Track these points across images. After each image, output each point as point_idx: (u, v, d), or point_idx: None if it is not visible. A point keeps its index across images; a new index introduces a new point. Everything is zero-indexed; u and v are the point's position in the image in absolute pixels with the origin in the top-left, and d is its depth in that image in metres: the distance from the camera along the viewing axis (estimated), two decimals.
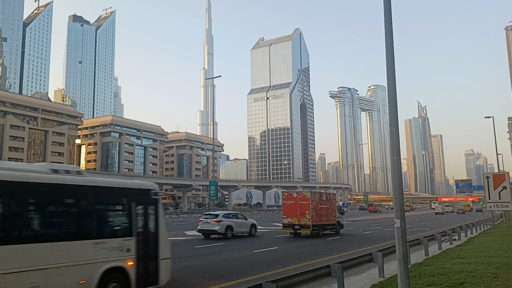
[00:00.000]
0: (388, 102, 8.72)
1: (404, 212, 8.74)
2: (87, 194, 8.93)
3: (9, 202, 7.69)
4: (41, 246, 7.74)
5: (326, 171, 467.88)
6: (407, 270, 8.05)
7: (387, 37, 8.67)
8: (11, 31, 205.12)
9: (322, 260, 15.15)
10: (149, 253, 9.84)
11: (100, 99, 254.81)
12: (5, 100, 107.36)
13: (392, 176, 8.85)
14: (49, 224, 8.44)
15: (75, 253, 8.23)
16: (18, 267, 7.23)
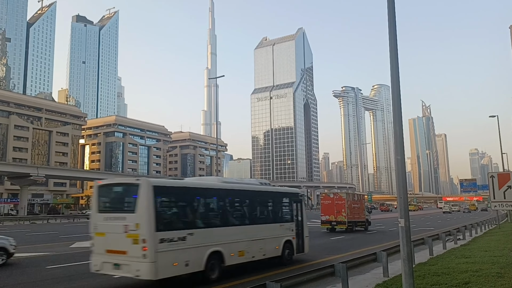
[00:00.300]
0: (392, 102, 8.69)
1: (408, 211, 8.71)
2: (276, 196, 16.07)
3: (253, 202, 14.78)
4: (263, 226, 14.49)
5: (330, 171, 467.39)
6: (411, 269, 8.04)
7: (391, 36, 8.65)
8: (15, 31, 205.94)
9: (326, 260, 15.14)
10: (300, 232, 16.00)
11: (104, 99, 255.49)
12: (9, 100, 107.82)
13: (396, 176, 8.81)
14: (264, 214, 15.32)
15: (274, 231, 14.78)
16: (258, 238, 13.86)
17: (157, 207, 10.59)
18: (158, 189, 10.81)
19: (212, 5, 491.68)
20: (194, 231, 11.44)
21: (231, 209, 13.80)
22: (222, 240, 12.24)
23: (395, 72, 8.62)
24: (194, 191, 12.59)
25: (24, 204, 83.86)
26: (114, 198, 12.06)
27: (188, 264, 10.98)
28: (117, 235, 10.54)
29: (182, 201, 12.01)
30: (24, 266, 14.89)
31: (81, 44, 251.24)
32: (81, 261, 15.75)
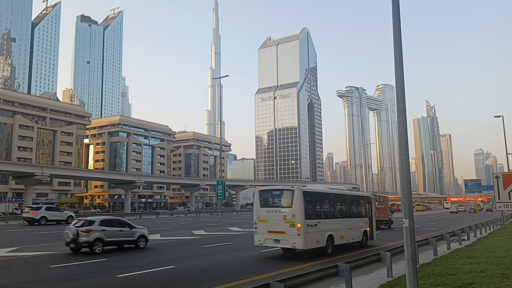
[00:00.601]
0: (396, 102, 8.68)
1: (412, 211, 8.70)
2: (358, 199, 21.82)
3: (347, 203, 20.85)
4: (353, 219, 20.13)
5: (334, 171, 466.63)
6: (415, 270, 8.02)
7: (395, 36, 8.63)
8: (20, 31, 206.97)
9: (330, 260, 15.12)
10: (371, 225, 21.54)
11: (108, 99, 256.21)
12: (14, 100, 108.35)
13: (401, 176, 8.79)
14: (353, 211, 20.80)
15: (358, 223, 20.40)
16: (350, 227, 19.44)
17: (305, 204, 16.38)
18: (305, 193, 16.80)
19: (216, 5, 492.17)
20: (321, 220, 17.50)
21: (337, 207, 20.06)
22: (333, 227, 18.04)
23: (399, 72, 8.61)
24: (322, 195, 19.44)
25: (29, 203, 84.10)
26: (273, 198, 17.70)
27: (318, 241, 16.82)
28: (277, 221, 16.38)
29: (316, 201, 18.51)
30: (27, 265, 14.95)
31: (85, 44, 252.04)
32: (86, 260, 15.80)
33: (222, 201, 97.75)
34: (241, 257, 16.81)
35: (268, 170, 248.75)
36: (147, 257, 17.01)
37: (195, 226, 39.72)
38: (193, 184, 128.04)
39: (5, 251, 18.55)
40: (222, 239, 24.71)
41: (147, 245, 20.40)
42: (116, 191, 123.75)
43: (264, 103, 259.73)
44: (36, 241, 24.60)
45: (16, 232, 34.39)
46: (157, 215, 75.57)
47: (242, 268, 14.28)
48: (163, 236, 27.31)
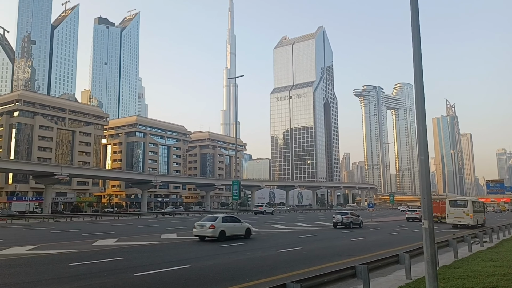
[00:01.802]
0: (415, 100, 8.55)
1: (432, 213, 8.53)
2: (480, 202, 46.93)
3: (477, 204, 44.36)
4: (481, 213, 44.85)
5: (351, 171, 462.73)
6: (435, 272, 7.88)
7: (414, 33, 8.48)
8: (40, 34, 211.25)
9: (347, 261, 14.95)
10: (485, 217, 46.31)
11: (125, 99, 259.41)
12: (34, 101, 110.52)
13: (420, 176, 8.64)
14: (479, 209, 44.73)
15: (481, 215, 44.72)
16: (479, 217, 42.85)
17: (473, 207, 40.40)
18: (472, 201, 41.58)
19: (232, 5, 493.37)
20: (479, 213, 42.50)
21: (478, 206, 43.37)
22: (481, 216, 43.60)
23: (418, 71, 8.45)
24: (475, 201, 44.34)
25: (49, 202, 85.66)
26: (458, 202, 41.37)
27: (478, 221, 40.48)
28: (459, 213, 39.36)
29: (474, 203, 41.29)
30: (47, 263, 15.18)
31: (103, 45, 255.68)
32: (104, 258, 15.96)
33: (238, 201, 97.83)
34: (257, 257, 16.76)
35: (284, 170, 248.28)
36: (164, 256, 17.11)
37: None
38: (208, 184, 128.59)
39: (26, 249, 18.89)
40: (238, 239, 24.70)
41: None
42: (133, 190, 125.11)
43: (280, 103, 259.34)
44: (56, 240, 25.00)
45: (36, 230, 35.04)
46: (173, 214, 76.31)
47: (257, 268, 14.24)
48: (180, 236, 27.47)
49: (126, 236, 27.48)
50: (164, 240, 24.18)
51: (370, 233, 31.48)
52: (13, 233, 31.53)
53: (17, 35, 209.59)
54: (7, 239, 25.79)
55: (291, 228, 36.36)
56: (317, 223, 45.24)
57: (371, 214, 59.38)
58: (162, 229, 34.21)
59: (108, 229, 34.79)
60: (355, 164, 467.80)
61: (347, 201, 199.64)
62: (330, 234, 30.21)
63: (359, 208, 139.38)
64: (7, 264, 14.71)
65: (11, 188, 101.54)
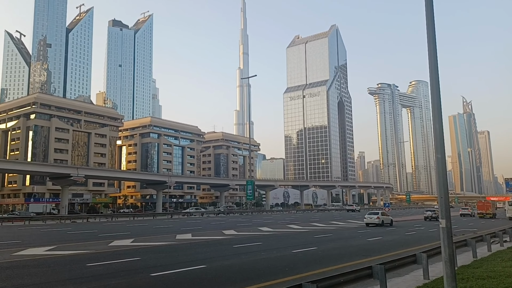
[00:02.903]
0: (431, 98, 8.43)
1: (449, 212, 8.41)
2: None
3: None
4: None
5: (366, 170, 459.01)
6: (453, 272, 7.75)
7: (429, 30, 8.36)
8: (55, 37, 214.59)
9: (363, 261, 14.80)
10: None
11: (139, 101, 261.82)
12: (50, 104, 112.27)
13: (437, 175, 8.51)
14: None
15: None
16: None
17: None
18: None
19: (244, 5, 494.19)
20: None
21: None
22: None
23: (434, 68, 8.33)
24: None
25: (65, 203, 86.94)
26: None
27: None
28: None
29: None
30: (64, 263, 15.37)
31: (117, 47, 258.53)
32: (120, 259, 16.09)
33: (252, 201, 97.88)
34: (272, 258, 16.70)
35: (298, 169, 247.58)
36: (179, 256, 17.19)
37: (225, 226, 39.95)
38: (222, 184, 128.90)
39: (43, 250, 19.17)
40: (253, 239, 24.69)
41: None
42: (148, 191, 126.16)
43: (293, 102, 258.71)
44: (73, 240, 25.32)
45: (54, 231, 35.56)
46: (188, 215, 76.76)
47: (273, 268, 14.19)
48: (194, 236, 27.57)
49: (141, 236, 27.71)
50: (179, 241, 24.30)
51: (386, 232, 31.16)
52: (31, 234, 32.06)
53: (33, 39, 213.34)
54: (25, 240, 26.23)
55: (306, 228, 36.22)
56: (332, 223, 44.98)
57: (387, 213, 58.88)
58: (177, 230, 34.42)
59: (124, 230, 35.13)
60: (370, 163, 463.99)
61: (362, 201, 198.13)
62: (345, 234, 29.99)
63: (375, 207, 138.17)
64: (25, 264, 14.95)
65: (28, 189, 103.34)
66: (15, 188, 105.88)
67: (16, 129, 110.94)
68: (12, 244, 22.81)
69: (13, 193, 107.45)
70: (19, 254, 17.69)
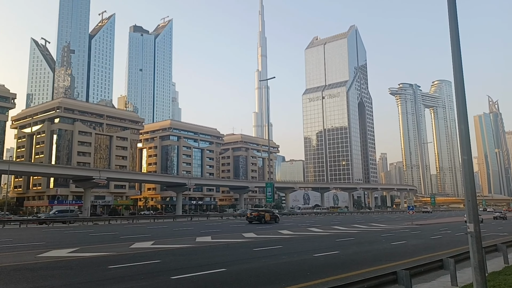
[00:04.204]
0: (455, 98, 8.20)
1: (478, 215, 8.11)
2: None
3: None
4: None
5: (388, 172, 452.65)
6: (484, 279, 7.45)
7: (451, 28, 8.12)
8: (78, 43, 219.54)
9: (387, 266, 14.44)
10: None
11: (159, 104, 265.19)
12: (73, 108, 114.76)
13: (463, 177, 8.24)
14: None
15: None
16: None
17: None
18: None
19: (262, 8, 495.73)
20: None
21: None
22: None
23: (458, 66, 8.06)
24: None
25: (88, 205, 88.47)
26: None
27: None
28: None
29: None
30: (87, 265, 15.51)
31: (138, 52, 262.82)
32: (141, 261, 16.13)
33: (272, 204, 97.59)
34: (293, 261, 16.47)
35: (318, 171, 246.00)
36: (199, 259, 17.14)
37: (245, 228, 39.83)
38: (242, 186, 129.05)
39: (66, 252, 19.42)
40: (273, 243, 24.48)
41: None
42: (168, 193, 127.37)
43: (312, 103, 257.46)
44: (95, 242, 25.61)
45: (76, 233, 36.12)
46: (208, 217, 76.95)
47: (294, 272, 13.96)
48: (214, 239, 27.53)
49: (162, 239, 27.83)
50: (199, 243, 24.29)
51: (410, 236, 30.49)
52: (54, 236, 32.62)
53: (57, 45, 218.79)
54: (49, 241, 26.67)
55: (327, 231, 35.79)
56: (354, 226, 44.33)
57: (411, 216, 57.54)
58: (197, 232, 34.47)
59: (144, 232, 35.41)
60: (393, 165, 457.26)
61: (385, 203, 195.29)
62: (368, 237, 29.47)
63: (398, 210, 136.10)
64: (49, 266, 15.14)
65: (52, 192, 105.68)
66: (40, 190, 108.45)
67: (41, 133, 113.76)
68: (36, 245, 23.22)
69: (37, 196, 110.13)
70: (43, 255, 17.95)
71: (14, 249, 21.33)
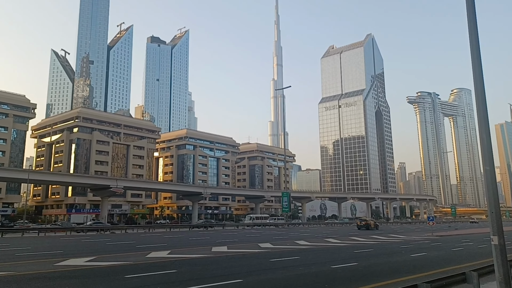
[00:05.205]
0: (476, 106, 8.00)
1: (502, 227, 7.84)
2: None
3: None
4: None
5: (407, 182, 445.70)
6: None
7: (471, 34, 7.94)
8: (97, 54, 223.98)
9: (407, 279, 14.11)
10: None
11: (176, 113, 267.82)
12: (92, 118, 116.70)
13: (486, 188, 8.01)
14: None
15: None
16: None
17: None
18: None
19: (278, 18, 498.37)
20: None
21: None
22: None
23: (478, 74, 7.89)
24: None
25: (105, 214, 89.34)
26: None
27: None
28: None
29: None
30: (104, 274, 15.56)
31: (155, 62, 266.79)
32: (157, 271, 16.12)
33: (288, 213, 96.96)
34: (310, 273, 16.23)
35: (335, 181, 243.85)
36: (215, 269, 17.03)
37: (261, 238, 39.57)
38: (258, 195, 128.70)
39: (84, 260, 19.56)
40: (290, 253, 24.23)
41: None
42: (184, 202, 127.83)
43: (328, 112, 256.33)
44: (112, 251, 25.76)
45: (94, 242, 36.42)
46: (223, 226, 76.78)
47: (311, 284, 13.73)
48: (230, 249, 27.40)
49: (178, 248, 27.84)
50: (215, 253, 24.20)
51: (431, 248, 29.83)
52: (72, 245, 32.96)
53: (76, 56, 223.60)
54: (67, 250, 26.93)
55: (345, 242, 35.30)
56: (372, 237, 43.62)
57: (431, 227, 56.19)
58: (213, 242, 34.39)
59: (160, 241, 35.49)
60: (412, 175, 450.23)
61: (404, 214, 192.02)
62: (387, 249, 28.94)
63: (417, 221, 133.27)
64: (67, 275, 15.26)
65: (70, 200, 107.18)
66: (58, 199, 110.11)
67: (60, 142, 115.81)
68: (54, 254, 23.45)
69: (56, 204, 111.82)
70: (60, 264, 18.10)
71: (32, 258, 21.59)
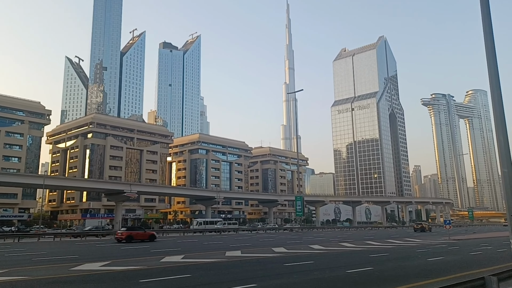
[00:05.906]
0: (492, 108, 7.80)
1: None
2: None
3: None
4: None
5: (423, 185, 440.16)
6: None
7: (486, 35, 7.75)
8: (110, 60, 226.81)
9: (423, 283, 13.82)
10: None
11: (188, 118, 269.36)
12: (105, 123, 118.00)
13: (504, 191, 7.81)
14: None
15: None
16: None
17: None
18: None
19: (289, 22, 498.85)
20: None
21: None
22: None
23: (494, 75, 7.71)
24: None
25: (119, 219, 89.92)
26: None
27: None
28: None
29: None
30: (119, 279, 15.57)
31: (167, 68, 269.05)
32: (171, 275, 16.08)
33: (302, 217, 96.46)
34: (325, 278, 16.01)
35: (349, 184, 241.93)
36: (229, 274, 16.93)
37: (275, 243, 39.36)
38: (271, 199, 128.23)
39: (99, 265, 19.63)
40: (304, 258, 23.99)
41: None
42: (197, 206, 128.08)
43: (341, 115, 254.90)
44: (127, 256, 25.83)
45: (108, 246, 36.63)
46: (237, 231, 76.58)
47: None
48: (244, 253, 27.25)
49: (191, 253, 27.80)
50: (228, 258, 24.09)
51: (448, 252, 29.28)
52: (87, 249, 33.18)
53: (90, 63, 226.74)
54: (82, 255, 27.11)
55: (360, 246, 34.87)
56: (388, 241, 43.02)
57: (448, 231, 55.24)
58: (226, 246, 34.30)
59: (174, 246, 35.53)
60: (427, 178, 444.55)
61: (420, 217, 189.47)
62: (403, 253, 28.49)
63: (434, 224, 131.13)
64: (82, 279, 15.31)
65: (85, 205, 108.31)
66: (73, 204, 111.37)
67: (74, 147, 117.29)
68: (70, 259, 23.62)
69: (71, 209, 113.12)
70: (76, 269, 18.18)
71: (48, 262, 21.76)
